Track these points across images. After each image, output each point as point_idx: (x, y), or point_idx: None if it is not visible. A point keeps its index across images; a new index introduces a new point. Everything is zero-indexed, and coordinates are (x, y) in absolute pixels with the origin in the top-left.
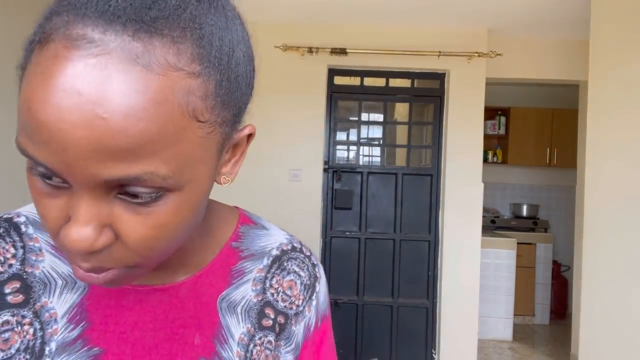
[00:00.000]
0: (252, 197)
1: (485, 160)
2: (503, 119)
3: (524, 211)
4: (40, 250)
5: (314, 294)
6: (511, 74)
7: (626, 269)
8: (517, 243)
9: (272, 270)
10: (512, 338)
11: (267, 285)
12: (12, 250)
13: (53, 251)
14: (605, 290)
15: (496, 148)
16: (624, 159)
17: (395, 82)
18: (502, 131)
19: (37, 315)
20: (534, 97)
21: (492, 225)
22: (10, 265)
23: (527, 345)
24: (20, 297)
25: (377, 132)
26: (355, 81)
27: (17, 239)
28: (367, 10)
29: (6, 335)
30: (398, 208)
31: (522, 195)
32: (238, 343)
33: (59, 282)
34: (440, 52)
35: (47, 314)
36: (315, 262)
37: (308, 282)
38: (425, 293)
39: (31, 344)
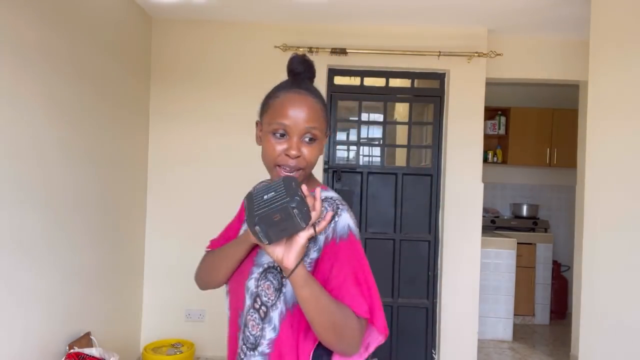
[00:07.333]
0: None
1: (485, 160)
2: (503, 119)
3: (524, 211)
4: None
5: (333, 222)
6: (511, 74)
7: (626, 269)
8: (517, 243)
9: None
10: (512, 338)
11: None
12: None
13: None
14: (605, 290)
15: (496, 148)
16: (624, 158)
17: (395, 82)
18: (502, 131)
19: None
20: (534, 97)
21: (492, 225)
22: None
23: (527, 345)
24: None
25: (377, 132)
26: (355, 81)
27: None
28: (367, 10)
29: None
30: (398, 208)
31: (522, 195)
32: None
33: None
34: (440, 52)
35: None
36: (340, 206)
37: (332, 214)
38: (425, 293)
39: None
